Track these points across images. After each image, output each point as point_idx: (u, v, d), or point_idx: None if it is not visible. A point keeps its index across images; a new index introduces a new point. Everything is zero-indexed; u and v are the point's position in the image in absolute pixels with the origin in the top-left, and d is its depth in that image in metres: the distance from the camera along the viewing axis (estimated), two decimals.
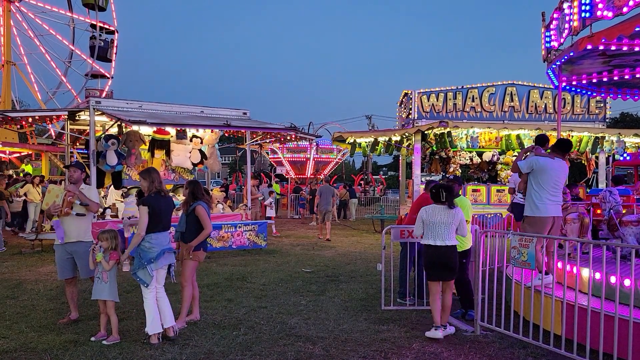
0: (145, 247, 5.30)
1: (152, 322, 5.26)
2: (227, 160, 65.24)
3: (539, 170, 6.08)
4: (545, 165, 6.07)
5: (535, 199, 6.09)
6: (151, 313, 5.27)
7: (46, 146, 28.54)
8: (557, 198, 6.18)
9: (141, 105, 12.16)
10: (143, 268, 5.26)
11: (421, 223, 5.76)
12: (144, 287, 5.31)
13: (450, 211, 5.63)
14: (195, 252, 5.89)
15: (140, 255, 5.30)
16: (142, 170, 5.77)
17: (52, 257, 10.51)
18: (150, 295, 5.31)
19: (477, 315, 5.72)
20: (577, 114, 18.63)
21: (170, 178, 13.59)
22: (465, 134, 15.68)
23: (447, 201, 5.66)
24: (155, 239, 5.34)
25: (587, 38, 5.80)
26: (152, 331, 5.24)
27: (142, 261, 5.26)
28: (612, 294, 4.64)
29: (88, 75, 33.13)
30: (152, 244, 5.31)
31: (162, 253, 5.34)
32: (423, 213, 5.75)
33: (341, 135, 18.77)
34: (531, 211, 6.11)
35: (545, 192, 6.07)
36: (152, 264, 5.27)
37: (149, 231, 5.29)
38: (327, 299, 7.30)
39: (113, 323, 5.39)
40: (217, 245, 11.50)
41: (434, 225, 5.63)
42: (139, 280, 5.30)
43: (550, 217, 6.11)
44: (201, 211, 5.86)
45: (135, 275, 5.31)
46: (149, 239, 5.31)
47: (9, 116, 11.60)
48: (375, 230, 17.30)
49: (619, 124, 41.33)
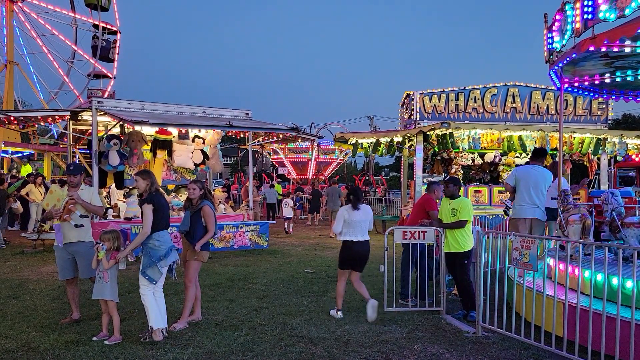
0: (154, 245, 5.33)
1: (156, 317, 5.28)
2: (229, 161, 65.25)
3: (520, 179, 7.02)
4: (523, 173, 7.09)
5: (515, 204, 7.06)
6: (153, 308, 5.29)
7: (48, 146, 28.60)
8: (535, 201, 6.95)
9: (143, 105, 12.19)
10: (153, 266, 5.28)
11: (342, 222, 6.34)
12: (143, 285, 5.32)
13: (360, 211, 6.34)
14: (200, 252, 5.89)
15: (150, 253, 5.33)
16: (140, 171, 5.78)
17: (54, 257, 10.55)
18: (148, 291, 5.34)
19: (479, 316, 5.72)
20: (579, 115, 18.59)
21: (172, 178, 13.62)
22: (467, 135, 15.66)
23: (352, 203, 6.33)
24: (162, 236, 5.39)
25: (589, 40, 5.79)
26: (157, 325, 5.25)
27: (152, 259, 5.29)
28: (614, 295, 4.64)
29: (90, 75, 33.19)
30: (160, 242, 5.36)
31: (169, 250, 5.39)
32: (345, 213, 6.35)
33: (343, 135, 18.77)
34: (512, 214, 7.21)
35: (522, 196, 6.97)
36: (161, 261, 5.31)
37: (155, 229, 5.31)
38: (329, 299, 7.30)
39: (115, 323, 5.40)
40: (218, 245, 11.51)
41: (355, 223, 6.30)
42: (147, 279, 5.31)
43: (524, 219, 6.96)
44: (208, 211, 5.86)
45: (144, 274, 5.33)
46: (157, 237, 5.34)
47: (12, 116, 11.63)
48: (376, 231, 17.30)
49: (621, 125, 41.25)
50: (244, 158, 37.43)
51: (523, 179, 7.04)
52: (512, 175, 7.24)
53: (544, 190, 7.09)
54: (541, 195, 7.03)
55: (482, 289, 5.70)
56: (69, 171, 6.08)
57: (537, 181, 6.98)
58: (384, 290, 6.83)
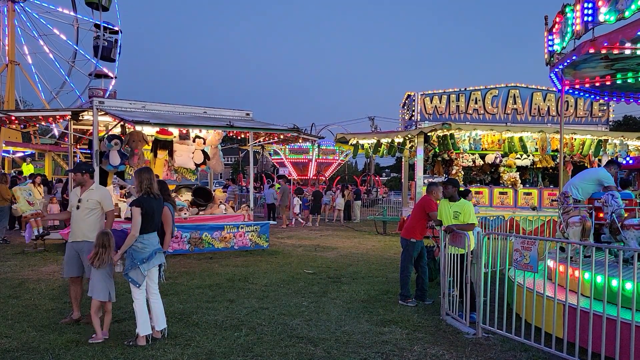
0: (137, 247, 5.32)
1: (144, 323, 5.26)
2: (230, 161, 65.27)
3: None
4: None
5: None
6: (142, 314, 5.28)
7: (49, 146, 28.65)
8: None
9: (144, 105, 12.20)
10: (135, 268, 5.27)
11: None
12: (134, 288, 5.32)
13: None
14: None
15: (133, 255, 5.31)
16: (136, 170, 5.78)
17: (55, 257, 10.60)
18: (141, 296, 5.33)
19: (479, 317, 5.72)
20: (580, 117, 18.58)
21: (173, 178, 13.62)
22: (468, 136, 15.66)
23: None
24: (147, 239, 5.36)
25: (590, 42, 5.80)
26: (143, 332, 5.24)
27: (135, 261, 5.28)
28: (614, 297, 4.64)
29: (92, 75, 33.24)
30: (144, 245, 5.34)
31: (153, 253, 5.38)
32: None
33: (344, 136, 18.76)
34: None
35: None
36: (144, 264, 5.29)
37: (140, 232, 5.31)
38: (329, 300, 7.30)
39: (104, 321, 5.44)
40: (219, 245, 11.52)
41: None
42: (130, 281, 5.31)
43: None
44: (167, 213, 5.85)
45: (126, 276, 5.32)
46: (141, 240, 5.33)
47: (13, 116, 11.64)
48: (377, 232, 17.30)
49: (622, 127, 41.23)
50: (245, 158, 37.44)
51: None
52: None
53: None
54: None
55: (482, 290, 5.70)
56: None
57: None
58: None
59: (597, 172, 7.81)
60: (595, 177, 7.62)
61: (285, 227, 18.43)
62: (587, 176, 7.73)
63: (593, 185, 7.57)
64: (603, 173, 7.61)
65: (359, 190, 25.07)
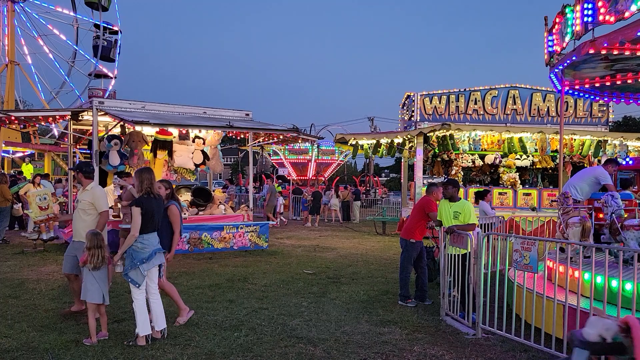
0: (137, 247, 5.32)
1: (143, 324, 5.26)
2: (229, 162, 65.29)
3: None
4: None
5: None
6: (142, 314, 5.28)
7: (49, 146, 28.63)
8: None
9: (144, 105, 12.20)
10: (135, 268, 5.27)
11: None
12: (134, 288, 5.31)
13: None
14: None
15: (132, 255, 5.31)
16: (136, 170, 5.78)
17: (55, 257, 10.60)
18: (140, 296, 5.33)
19: (479, 318, 5.72)
20: (580, 118, 18.60)
21: (173, 179, 13.61)
22: (467, 136, 15.67)
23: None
24: (146, 239, 5.36)
25: (589, 42, 5.80)
26: (143, 332, 5.25)
27: (134, 261, 5.28)
28: (614, 298, 4.64)
29: (91, 75, 33.24)
30: (144, 245, 5.34)
31: (153, 253, 5.38)
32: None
33: (343, 137, 18.76)
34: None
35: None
36: (144, 264, 5.29)
37: (140, 232, 5.31)
38: (329, 300, 7.30)
39: (101, 323, 5.44)
40: (218, 246, 11.52)
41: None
42: (130, 281, 5.30)
43: None
44: (175, 211, 5.85)
45: (126, 276, 5.32)
46: (140, 240, 5.32)
47: (13, 116, 11.64)
48: (376, 232, 17.31)
49: (621, 127, 41.29)
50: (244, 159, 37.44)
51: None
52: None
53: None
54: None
55: (482, 291, 5.70)
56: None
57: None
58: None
59: (595, 170, 7.82)
60: (592, 175, 7.63)
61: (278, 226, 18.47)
62: (584, 175, 7.74)
63: (591, 184, 7.57)
64: (600, 171, 7.62)
65: (358, 190, 25.03)
